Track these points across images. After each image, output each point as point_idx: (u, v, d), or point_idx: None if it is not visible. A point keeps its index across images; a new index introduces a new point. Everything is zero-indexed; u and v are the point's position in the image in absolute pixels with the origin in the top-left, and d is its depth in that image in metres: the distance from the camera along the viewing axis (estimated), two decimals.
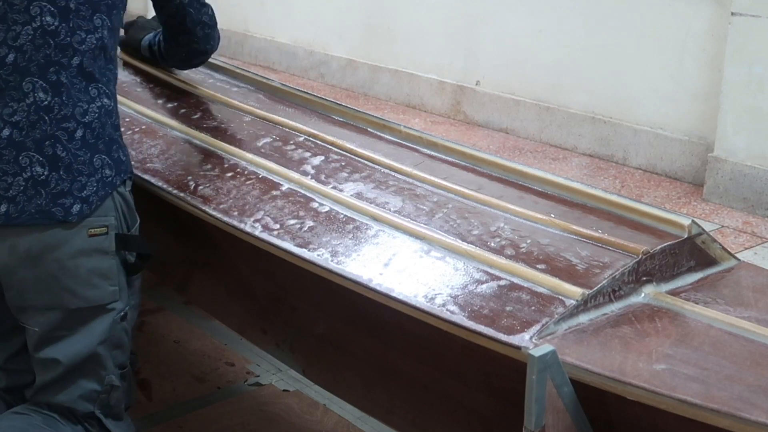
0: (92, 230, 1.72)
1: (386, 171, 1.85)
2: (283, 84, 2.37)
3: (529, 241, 1.57)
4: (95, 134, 1.74)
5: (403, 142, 2.00)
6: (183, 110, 2.25)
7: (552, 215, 1.63)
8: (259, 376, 2.61)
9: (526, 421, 1.30)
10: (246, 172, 1.86)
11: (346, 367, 1.90)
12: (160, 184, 1.90)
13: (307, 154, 1.95)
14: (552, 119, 4.75)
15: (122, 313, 1.81)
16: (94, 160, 1.73)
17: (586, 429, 1.35)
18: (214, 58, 2.58)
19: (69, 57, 1.71)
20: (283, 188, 1.80)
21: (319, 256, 1.62)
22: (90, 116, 1.73)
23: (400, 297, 1.48)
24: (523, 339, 1.35)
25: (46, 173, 1.68)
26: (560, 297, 1.41)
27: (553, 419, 1.31)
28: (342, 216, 1.69)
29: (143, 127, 2.20)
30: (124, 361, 1.85)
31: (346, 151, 1.94)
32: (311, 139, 2.01)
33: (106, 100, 1.77)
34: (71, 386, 1.76)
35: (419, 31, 5.28)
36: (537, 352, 1.28)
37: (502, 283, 1.47)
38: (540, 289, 1.44)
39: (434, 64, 5.24)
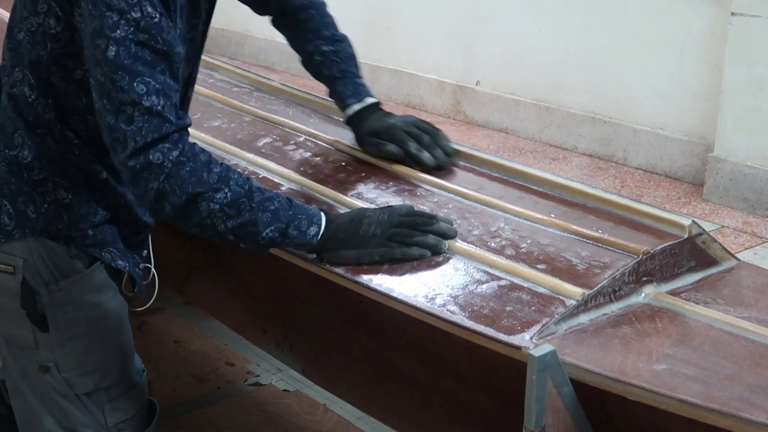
0: None
1: (383, 170, 1.85)
2: (283, 84, 2.37)
3: (529, 241, 1.57)
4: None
5: None
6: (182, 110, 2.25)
7: (552, 215, 1.63)
8: (259, 376, 2.61)
9: (526, 421, 1.30)
10: (246, 172, 1.86)
11: (346, 367, 1.90)
12: None
13: (307, 154, 1.95)
14: (552, 119, 4.75)
15: (42, 364, 1.62)
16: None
17: (586, 429, 1.35)
18: (214, 58, 2.58)
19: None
20: (283, 188, 1.80)
21: None
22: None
23: (400, 297, 1.48)
24: (524, 339, 1.35)
25: None
26: (560, 297, 1.41)
27: (553, 419, 1.31)
28: None
29: None
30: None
31: (346, 151, 1.94)
32: (311, 139, 2.01)
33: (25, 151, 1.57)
34: None
35: (419, 31, 5.28)
36: (537, 352, 1.28)
37: (502, 283, 1.47)
38: (540, 289, 1.44)
39: (434, 64, 5.24)
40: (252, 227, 1.49)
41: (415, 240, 1.54)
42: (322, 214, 1.57)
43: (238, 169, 1.87)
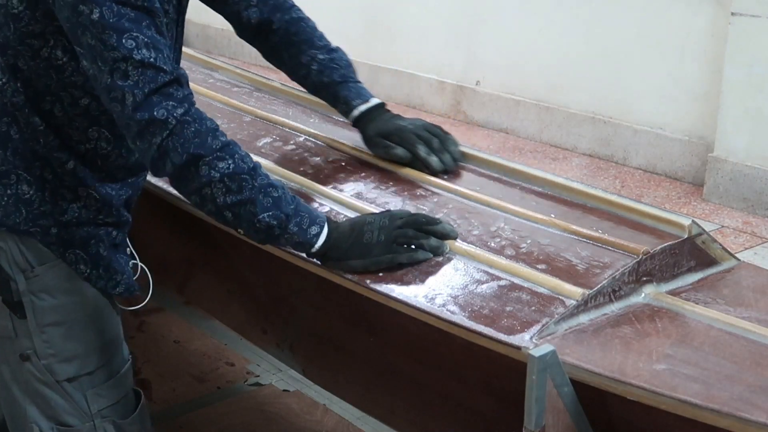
0: None
1: (389, 171, 1.85)
2: (283, 84, 2.37)
3: (529, 241, 1.57)
4: None
5: None
6: None
7: (552, 215, 1.63)
8: (259, 376, 2.61)
9: (526, 421, 1.30)
10: None
11: (346, 367, 1.90)
12: (160, 184, 1.90)
13: (307, 154, 1.95)
14: (552, 119, 4.75)
15: (22, 353, 1.62)
16: None
17: (586, 429, 1.35)
18: (214, 58, 2.58)
19: None
20: None
21: None
22: None
23: (400, 297, 1.48)
24: (524, 339, 1.35)
25: None
26: (560, 297, 1.41)
27: (553, 419, 1.31)
28: (342, 216, 1.69)
29: None
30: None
31: (346, 151, 1.94)
32: (311, 139, 2.01)
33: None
34: None
35: (419, 31, 5.28)
36: (537, 352, 1.28)
37: (502, 283, 1.47)
38: (540, 289, 1.44)
39: (434, 64, 5.24)
40: (251, 206, 1.48)
41: (420, 243, 1.53)
42: (327, 219, 1.56)
43: None
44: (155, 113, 1.44)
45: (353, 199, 1.74)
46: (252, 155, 1.91)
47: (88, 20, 1.43)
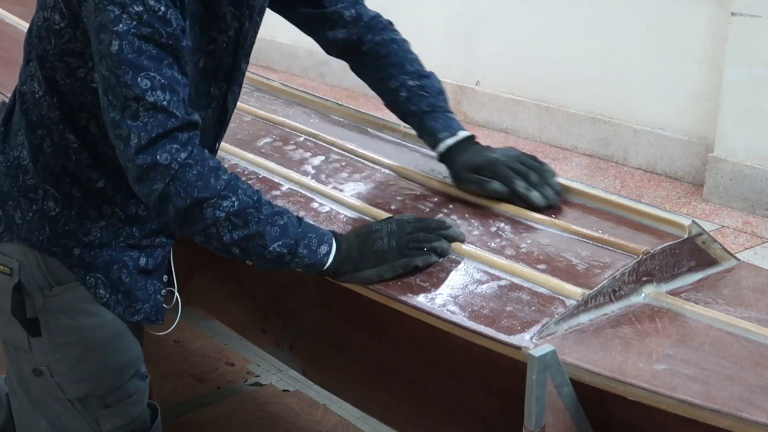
0: None
1: (386, 171, 1.85)
2: (283, 84, 2.37)
3: (529, 241, 1.57)
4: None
5: (403, 142, 2.00)
6: None
7: (552, 215, 1.63)
8: (259, 376, 2.61)
9: (526, 421, 1.30)
10: (246, 172, 1.86)
11: (346, 367, 1.90)
12: None
13: (307, 154, 1.95)
14: (552, 119, 4.75)
15: (36, 367, 1.61)
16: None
17: (586, 429, 1.35)
18: None
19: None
20: (283, 188, 1.80)
21: None
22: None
23: (401, 297, 1.48)
24: (524, 339, 1.35)
25: None
26: (560, 297, 1.41)
27: (553, 419, 1.31)
28: (342, 216, 1.69)
29: None
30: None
31: (346, 151, 1.94)
32: (311, 139, 2.01)
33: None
34: None
35: (419, 31, 5.27)
36: (537, 352, 1.28)
37: (502, 283, 1.47)
38: (540, 289, 1.44)
39: (434, 64, 5.21)
40: (259, 240, 1.44)
41: (432, 246, 1.51)
42: (333, 234, 1.53)
43: (238, 169, 1.88)
44: (158, 158, 1.39)
45: (353, 199, 1.74)
46: (252, 155, 1.91)
47: (106, 51, 1.38)
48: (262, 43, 6.11)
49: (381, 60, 1.84)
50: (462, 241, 1.56)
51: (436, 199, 1.73)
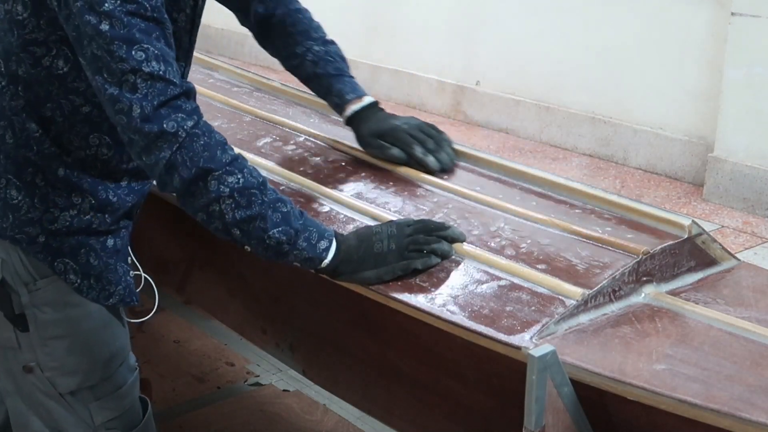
0: None
1: (386, 171, 1.85)
2: (283, 84, 2.37)
3: (529, 241, 1.57)
4: None
5: None
6: None
7: (552, 215, 1.63)
8: (259, 376, 2.61)
9: (526, 421, 1.30)
10: None
11: (346, 367, 1.90)
12: None
13: (307, 154, 1.95)
14: (552, 119, 4.76)
15: (26, 364, 1.61)
16: None
17: (586, 429, 1.35)
18: (214, 58, 2.58)
19: None
20: (283, 188, 1.80)
21: None
22: None
23: (400, 297, 1.48)
24: (524, 339, 1.35)
25: None
26: (560, 297, 1.41)
27: (553, 419, 1.31)
28: (342, 216, 1.69)
29: None
30: None
31: (346, 151, 1.94)
32: (311, 139, 2.01)
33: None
34: None
35: (419, 31, 5.28)
36: (537, 352, 1.28)
37: (502, 283, 1.47)
38: (540, 289, 1.44)
39: (434, 64, 5.24)
40: (261, 222, 1.44)
41: (432, 248, 1.52)
42: (333, 232, 1.53)
43: None
44: (165, 125, 1.40)
45: (353, 199, 1.74)
46: (252, 155, 1.92)
47: (95, 31, 1.39)
48: None
49: (287, 28, 1.94)
50: (463, 242, 1.56)
51: (435, 200, 1.73)
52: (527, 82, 4.84)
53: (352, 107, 1.89)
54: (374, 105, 1.91)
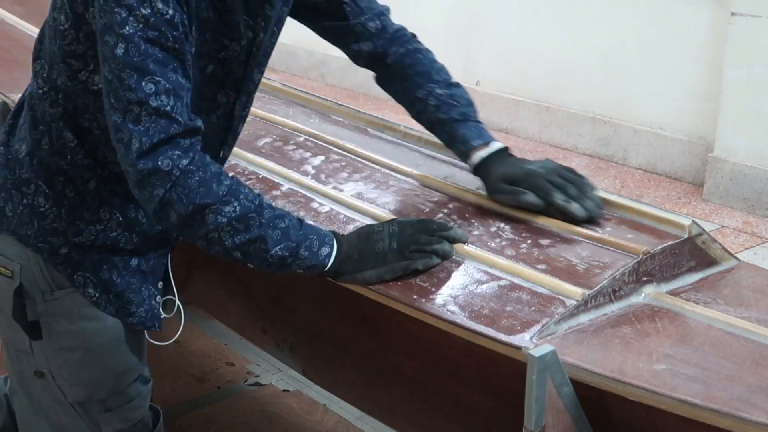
0: None
1: (386, 171, 1.85)
2: (283, 84, 2.37)
3: (529, 242, 1.57)
4: None
5: (403, 142, 2.00)
6: None
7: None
8: (259, 376, 2.61)
9: (526, 421, 1.30)
10: (246, 172, 1.86)
11: (346, 367, 1.90)
12: None
13: (307, 154, 1.95)
14: (552, 119, 4.75)
15: (37, 370, 1.61)
16: None
17: (586, 429, 1.35)
18: None
19: None
20: (283, 188, 1.80)
21: None
22: None
23: (401, 297, 1.48)
24: (524, 339, 1.34)
25: None
26: (560, 297, 1.41)
27: (553, 419, 1.31)
28: (342, 216, 1.69)
29: None
30: None
31: (346, 151, 1.94)
32: (311, 139, 2.01)
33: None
34: None
35: (419, 31, 5.26)
36: (537, 352, 1.28)
37: (502, 283, 1.47)
38: (540, 290, 1.44)
39: None
40: (261, 244, 1.43)
41: (433, 248, 1.50)
42: (333, 235, 1.52)
43: (238, 169, 1.88)
44: (159, 163, 1.37)
45: (353, 199, 1.74)
46: (252, 155, 1.91)
47: (110, 53, 1.36)
48: None
49: (407, 69, 1.80)
50: (465, 242, 1.55)
51: (435, 199, 1.73)
52: (527, 82, 4.84)
53: (479, 154, 1.71)
54: (503, 151, 1.72)
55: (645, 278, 1.48)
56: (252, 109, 2.18)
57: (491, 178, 1.68)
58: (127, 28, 1.35)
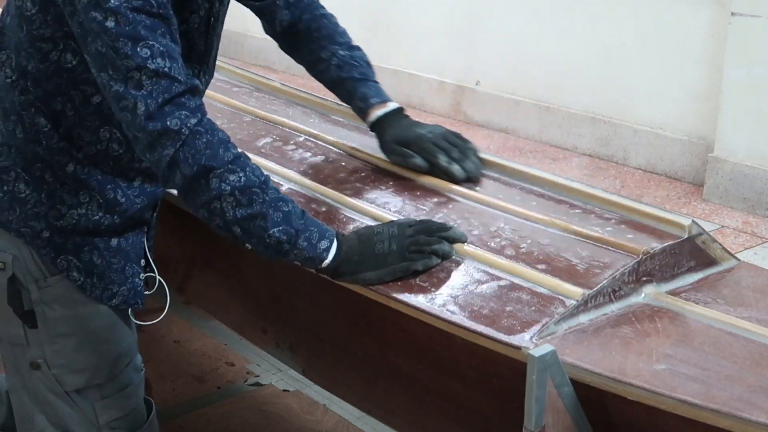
0: None
1: (386, 171, 1.85)
2: (283, 84, 2.37)
3: (529, 241, 1.57)
4: None
5: None
6: None
7: (552, 215, 1.63)
8: (259, 376, 2.61)
9: (526, 421, 1.30)
10: None
11: (346, 367, 1.90)
12: None
13: (307, 154, 1.95)
14: (552, 119, 4.75)
15: (33, 361, 1.62)
16: None
17: (586, 429, 1.35)
18: None
19: None
20: (283, 188, 1.80)
21: None
22: None
23: (400, 297, 1.48)
24: (524, 339, 1.35)
25: None
26: (560, 297, 1.41)
27: (553, 419, 1.31)
28: (342, 216, 1.69)
29: None
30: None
31: (346, 151, 1.94)
32: (311, 139, 2.01)
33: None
34: None
35: (419, 31, 5.28)
36: (537, 352, 1.28)
37: (502, 283, 1.47)
38: (540, 289, 1.44)
39: (434, 64, 5.24)
40: (261, 221, 1.44)
41: (433, 249, 1.51)
42: (334, 232, 1.53)
43: None
44: (168, 123, 1.41)
45: (353, 199, 1.74)
46: (252, 155, 1.91)
47: (100, 27, 1.39)
48: (262, 42, 6.13)
49: (313, 33, 1.92)
50: (465, 242, 1.56)
51: (435, 199, 1.73)
52: (527, 82, 4.84)
53: (377, 112, 1.86)
54: (399, 111, 1.87)
55: (645, 278, 1.48)
56: (252, 108, 2.20)
57: (385, 138, 1.85)
58: (112, 1, 1.38)
